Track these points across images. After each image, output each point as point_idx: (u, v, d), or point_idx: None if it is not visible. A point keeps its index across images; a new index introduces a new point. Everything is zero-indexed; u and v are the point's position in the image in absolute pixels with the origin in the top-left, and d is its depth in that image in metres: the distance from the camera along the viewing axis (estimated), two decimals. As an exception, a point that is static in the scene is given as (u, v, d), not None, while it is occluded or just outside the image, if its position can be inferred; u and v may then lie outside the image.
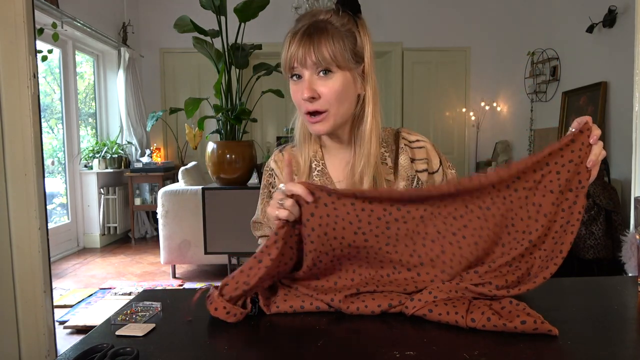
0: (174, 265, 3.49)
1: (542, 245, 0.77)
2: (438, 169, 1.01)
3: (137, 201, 4.82)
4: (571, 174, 0.75)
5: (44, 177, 1.88)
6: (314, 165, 1.01)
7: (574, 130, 0.75)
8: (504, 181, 0.75)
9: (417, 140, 1.01)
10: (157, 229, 4.42)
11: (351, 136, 0.98)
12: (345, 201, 0.76)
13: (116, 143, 4.95)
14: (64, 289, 3.21)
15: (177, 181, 3.67)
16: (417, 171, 1.00)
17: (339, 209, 0.75)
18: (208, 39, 3.07)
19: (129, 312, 0.79)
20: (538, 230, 0.76)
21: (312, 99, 0.89)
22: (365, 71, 0.93)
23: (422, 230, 0.77)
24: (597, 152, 0.75)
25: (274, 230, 0.76)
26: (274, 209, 0.76)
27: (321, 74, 0.88)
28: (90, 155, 4.66)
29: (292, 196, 0.75)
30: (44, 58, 3.62)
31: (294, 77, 0.91)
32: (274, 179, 1.06)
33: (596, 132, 0.75)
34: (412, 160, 1.00)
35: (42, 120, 2.29)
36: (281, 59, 0.91)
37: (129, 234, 4.91)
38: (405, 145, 1.01)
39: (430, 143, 1.02)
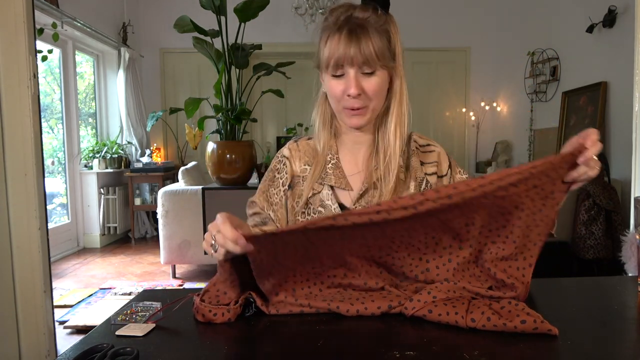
0: (174, 265, 3.49)
1: (506, 241, 0.76)
2: (446, 173, 1.04)
3: (137, 201, 4.82)
4: (544, 184, 0.72)
5: (44, 177, 1.88)
6: (328, 158, 1.03)
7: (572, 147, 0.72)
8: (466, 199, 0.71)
9: (428, 145, 1.05)
10: (157, 229, 4.41)
11: (375, 130, 1.01)
12: (289, 237, 0.73)
13: (116, 143, 4.95)
14: (64, 289, 3.21)
15: (177, 181, 3.67)
16: (426, 174, 1.02)
17: (286, 240, 0.74)
18: (208, 39, 3.07)
19: (129, 312, 0.79)
20: (501, 228, 0.76)
21: (359, 95, 0.92)
22: (396, 67, 0.96)
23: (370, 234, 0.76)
24: (581, 172, 0.72)
25: (218, 261, 0.76)
26: (208, 245, 0.76)
27: (366, 71, 0.91)
28: (90, 155, 4.66)
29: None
30: (44, 58, 3.62)
31: (337, 74, 0.93)
32: (283, 165, 1.07)
33: (591, 151, 0.71)
34: (422, 163, 1.03)
35: (42, 120, 2.29)
36: (321, 54, 0.94)
37: (129, 234, 4.91)
38: (416, 148, 1.03)
39: (442, 149, 1.06)
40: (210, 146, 3.07)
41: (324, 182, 1.00)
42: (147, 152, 5.05)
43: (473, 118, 5.73)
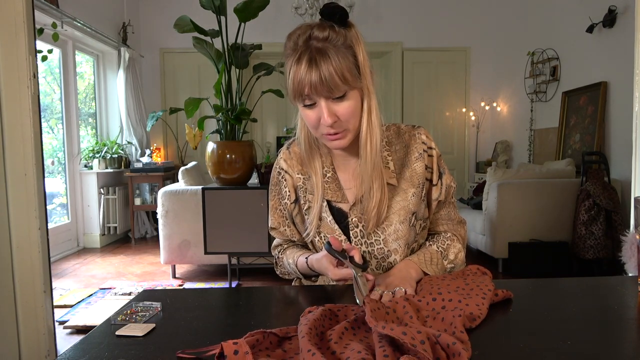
0: (174, 265, 3.49)
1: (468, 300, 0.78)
2: (437, 182, 1.03)
3: (137, 201, 4.82)
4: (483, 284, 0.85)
5: (44, 177, 1.88)
6: (324, 172, 1.02)
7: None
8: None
9: (431, 148, 1.02)
10: (157, 229, 4.42)
11: (357, 145, 0.98)
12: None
13: (116, 143, 4.95)
14: (64, 289, 3.21)
15: (177, 181, 3.67)
16: (426, 178, 1.02)
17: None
18: (208, 39, 3.07)
19: (129, 312, 0.79)
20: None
21: (334, 122, 0.90)
22: (364, 83, 0.92)
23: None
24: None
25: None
26: None
27: (336, 97, 0.88)
28: (90, 155, 4.66)
29: None
30: (44, 58, 3.62)
31: (307, 104, 0.90)
32: (283, 178, 1.07)
33: None
34: (426, 167, 1.01)
35: (42, 120, 2.29)
36: (287, 85, 0.90)
37: (129, 234, 4.91)
38: (424, 151, 1.01)
39: (439, 153, 1.03)
40: (210, 146, 3.07)
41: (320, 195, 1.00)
42: (147, 152, 5.05)
43: (473, 118, 5.73)
